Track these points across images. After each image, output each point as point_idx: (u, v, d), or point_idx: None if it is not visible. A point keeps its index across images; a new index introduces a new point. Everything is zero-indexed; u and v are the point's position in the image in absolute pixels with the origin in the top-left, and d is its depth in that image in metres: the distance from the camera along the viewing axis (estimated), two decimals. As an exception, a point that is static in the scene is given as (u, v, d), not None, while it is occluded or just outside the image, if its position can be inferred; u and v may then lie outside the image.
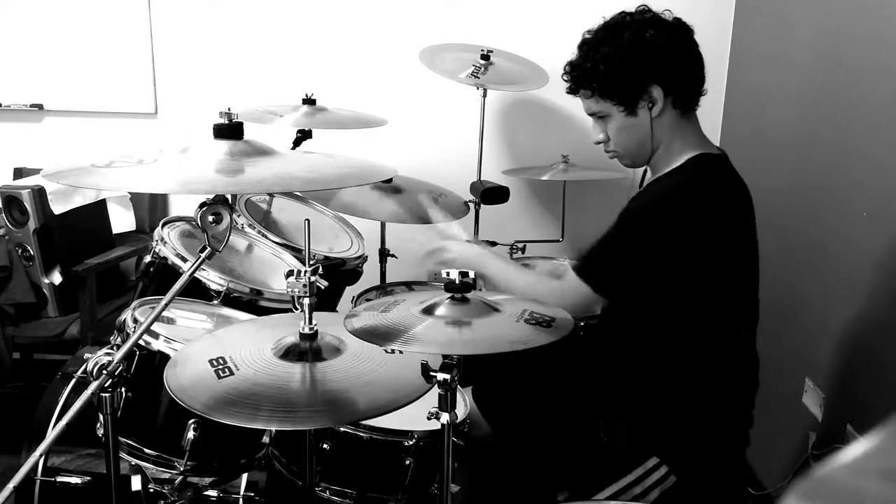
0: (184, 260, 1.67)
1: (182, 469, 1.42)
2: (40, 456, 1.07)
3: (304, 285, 1.14)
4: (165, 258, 1.68)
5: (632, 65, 1.50)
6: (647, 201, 1.53)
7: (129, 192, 2.77)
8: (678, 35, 1.53)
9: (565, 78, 1.61)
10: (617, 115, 1.54)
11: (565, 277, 1.54)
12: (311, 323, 1.17)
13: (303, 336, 1.17)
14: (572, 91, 1.60)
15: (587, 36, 1.57)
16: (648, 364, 1.58)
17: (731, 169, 1.56)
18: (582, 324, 1.82)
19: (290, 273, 1.14)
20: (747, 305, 1.56)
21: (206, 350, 1.18)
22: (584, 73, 1.54)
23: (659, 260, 1.47)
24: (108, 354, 1.12)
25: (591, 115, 1.60)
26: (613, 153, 1.63)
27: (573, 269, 1.52)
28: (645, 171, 1.71)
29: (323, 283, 1.19)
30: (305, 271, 1.14)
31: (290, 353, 1.16)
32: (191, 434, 1.39)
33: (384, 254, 2.53)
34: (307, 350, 1.16)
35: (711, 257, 1.48)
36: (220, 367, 1.12)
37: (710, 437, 1.55)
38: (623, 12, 1.54)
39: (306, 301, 1.15)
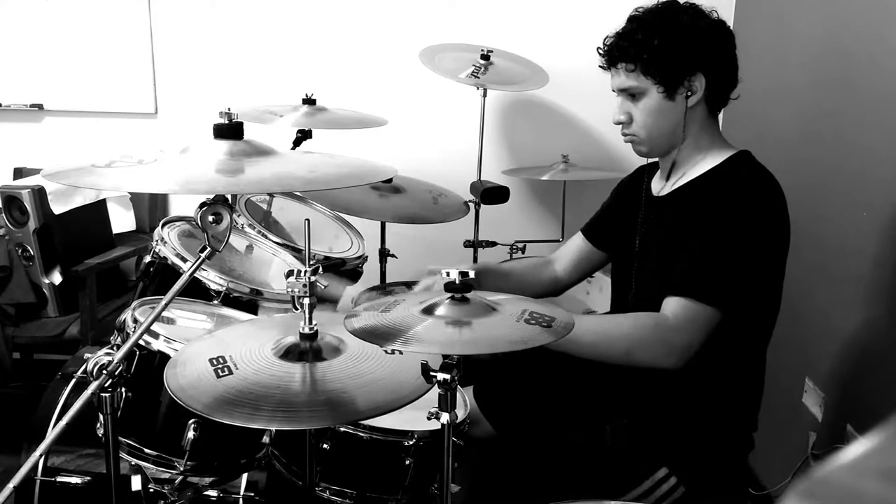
0: (184, 260, 1.67)
1: (182, 469, 1.42)
2: (40, 456, 1.07)
3: (304, 285, 1.14)
4: (165, 258, 1.68)
5: (685, 46, 1.49)
6: (735, 204, 1.45)
7: (129, 192, 2.77)
8: (727, 33, 1.54)
9: (606, 48, 1.55)
10: (654, 95, 1.51)
11: (670, 311, 1.42)
12: (310, 323, 1.17)
13: (303, 336, 1.17)
14: (611, 63, 1.55)
15: (637, 13, 1.54)
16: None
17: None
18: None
19: (289, 273, 1.14)
20: (775, 305, 1.55)
21: (206, 350, 1.18)
22: (634, 44, 1.50)
23: (761, 262, 1.45)
24: (108, 354, 1.12)
25: (621, 90, 1.56)
26: (632, 136, 1.58)
27: (691, 296, 1.41)
28: (673, 165, 1.63)
29: (323, 284, 1.19)
30: (305, 271, 1.14)
31: (290, 353, 1.16)
32: (191, 434, 1.39)
33: (384, 254, 2.53)
34: (307, 350, 1.16)
35: (776, 257, 1.49)
36: (220, 366, 1.12)
37: (718, 442, 1.54)
38: (673, 0, 1.54)
39: (306, 301, 1.15)
